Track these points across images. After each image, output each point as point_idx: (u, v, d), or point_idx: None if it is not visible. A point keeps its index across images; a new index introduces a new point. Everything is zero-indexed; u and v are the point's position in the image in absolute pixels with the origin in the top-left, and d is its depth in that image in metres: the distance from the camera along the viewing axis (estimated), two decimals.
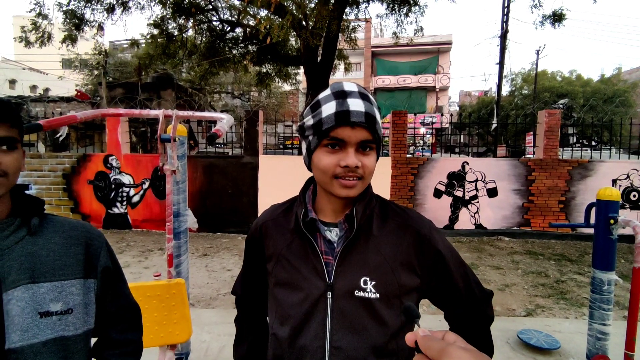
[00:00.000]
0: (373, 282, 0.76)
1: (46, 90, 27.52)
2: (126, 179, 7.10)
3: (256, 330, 0.98)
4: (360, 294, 0.75)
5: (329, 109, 0.73)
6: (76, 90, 12.70)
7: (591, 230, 2.15)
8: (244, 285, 0.97)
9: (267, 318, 0.89)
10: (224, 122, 1.70)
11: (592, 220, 2.17)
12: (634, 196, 6.72)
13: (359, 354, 0.74)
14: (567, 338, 2.93)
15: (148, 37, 10.30)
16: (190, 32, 10.37)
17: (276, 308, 0.83)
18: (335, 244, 0.79)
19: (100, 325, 0.84)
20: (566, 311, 3.66)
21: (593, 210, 2.17)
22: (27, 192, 0.77)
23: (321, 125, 0.74)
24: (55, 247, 0.78)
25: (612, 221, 1.99)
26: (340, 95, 0.74)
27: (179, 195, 2.07)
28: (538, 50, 21.13)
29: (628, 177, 6.69)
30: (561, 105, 17.92)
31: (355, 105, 0.72)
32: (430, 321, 3.28)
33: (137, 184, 7.10)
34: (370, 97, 0.77)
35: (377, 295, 0.75)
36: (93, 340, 0.87)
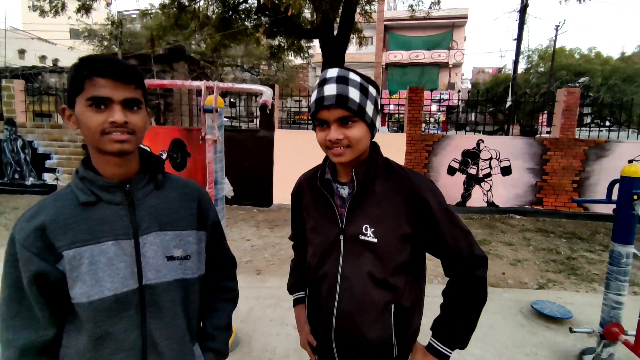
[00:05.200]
0: (372, 229, 0.94)
1: (55, 60, 27.37)
2: None
3: (302, 267, 1.20)
4: (363, 237, 0.95)
5: (313, 96, 0.92)
6: None
7: (605, 209, 2.22)
8: (293, 231, 1.23)
9: None
10: (268, 94, 1.77)
11: (614, 197, 2.23)
12: None
13: (360, 282, 0.95)
14: (579, 310, 3.06)
15: (159, 7, 10.14)
16: (202, 3, 10.19)
17: (309, 246, 1.09)
18: (346, 199, 0.99)
19: (207, 273, 0.94)
20: (577, 286, 3.78)
21: (615, 187, 2.24)
22: (48, 161, 0.84)
23: (310, 110, 0.95)
24: (174, 202, 0.87)
25: (635, 197, 2.06)
26: (321, 83, 0.91)
27: (217, 163, 2.17)
28: (557, 26, 20.36)
29: None
30: (580, 83, 17.49)
31: (329, 90, 0.88)
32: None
33: None
34: (351, 77, 0.90)
35: (376, 240, 0.94)
36: None
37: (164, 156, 7.47)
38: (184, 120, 10.63)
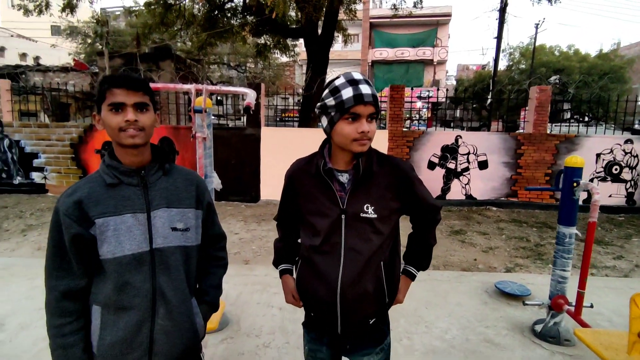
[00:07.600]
0: (373, 207, 1.17)
1: (36, 58, 26.80)
2: None
3: (287, 243, 1.43)
4: (364, 215, 1.17)
5: (347, 93, 1.09)
6: (74, 60, 12.57)
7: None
8: (282, 214, 1.40)
9: (299, 239, 1.33)
10: (252, 96, 1.99)
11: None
12: (616, 170, 7.13)
13: (362, 250, 1.17)
14: (538, 288, 3.37)
15: (144, 5, 10.17)
16: (188, 1, 10.26)
17: (309, 228, 1.25)
18: (345, 184, 1.19)
19: (202, 245, 1.18)
20: (541, 269, 4.12)
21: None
22: (36, 160, 1.06)
23: (343, 104, 1.09)
24: (179, 185, 1.12)
25: (575, 184, 2.35)
26: (354, 82, 1.10)
27: (207, 159, 2.38)
28: (537, 24, 20.95)
29: (611, 151, 7.07)
30: (551, 81, 18.08)
31: (365, 89, 1.09)
32: None
33: None
34: (370, 82, 1.14)
35: (375, 216, 1.17)
36: None
37: None
38: (172, 118, 10.72)
